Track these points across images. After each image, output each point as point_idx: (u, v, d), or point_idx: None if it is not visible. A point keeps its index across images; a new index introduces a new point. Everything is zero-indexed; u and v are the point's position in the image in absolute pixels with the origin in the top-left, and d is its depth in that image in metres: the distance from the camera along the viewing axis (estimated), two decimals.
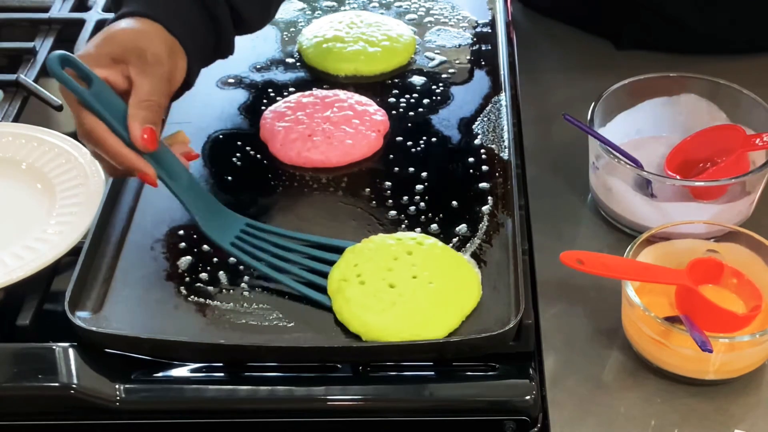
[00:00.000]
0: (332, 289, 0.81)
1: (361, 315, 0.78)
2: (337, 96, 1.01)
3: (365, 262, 0.82)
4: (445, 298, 0.79)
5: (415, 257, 0.82)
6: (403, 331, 0.77)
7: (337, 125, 0.96)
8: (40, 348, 0.80)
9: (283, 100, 1.01)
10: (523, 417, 0.75)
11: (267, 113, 0.99)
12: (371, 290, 0.80)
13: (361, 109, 0.99)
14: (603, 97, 0.93)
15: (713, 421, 0.75)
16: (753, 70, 1.06)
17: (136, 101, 0.77)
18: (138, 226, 0.88)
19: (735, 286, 0.80)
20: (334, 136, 0.95)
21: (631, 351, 0.80)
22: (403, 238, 0.84)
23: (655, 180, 0.88)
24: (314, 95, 1.01)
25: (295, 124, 0.97)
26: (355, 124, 0.97)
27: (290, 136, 0.95)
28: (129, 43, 0.79)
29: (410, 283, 0.80)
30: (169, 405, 0.77)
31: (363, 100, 1.00)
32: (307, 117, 0.98)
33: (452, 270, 0.82)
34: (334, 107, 0.99)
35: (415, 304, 0.79)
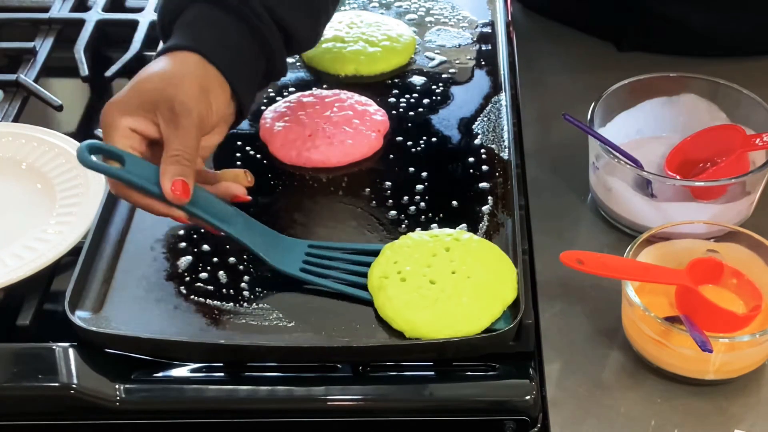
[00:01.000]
0: (373, 286, 0.81)
1: (404, 312, 0.78)
2: (337, 96, 1.01)
3: (405, 260, 0.82)
4: (484, 291, 0.79)
5: (452, 253, 0.82)
6: (447, 327, 0.78)
7: (337, 125, 0.96)
8: (40, 348, 0.80)
9: (282, 100, 1.01)
10: (523, 417, 0.75)
11: (267, 113, 0.99)
12: (412, 287, 0.80)
13: (361, 109, 0.99)
14: (603, 97, 0.93)
15: (713, 421, 0.75)
16: (753, 70, 1.06)
17: (165, 157, 0.77)
18: (138, 226, 0.88)
19: (735, 286, 0.80)
20: (334, 136, 0.95)
21: (631, 351, 0.80)
22: (439, 235, 0.84)
23: (655, 180, 0.88)
24: (314, 95, 1.01)
25: (294, 124, 0.97)
26: (355, 124, 0.97)
27: (290, 136, 0.95)
28: (156, 94, 0.78)
29: (450, 279, 0.80)
30: (169, 405, 0.77)
31: (363, 100, 1.00)
32: (306, 117, 0.98)
33: (489, 263, 0.82)
34: (334, 107, 0.99)
35: (457, 299, 0.79)
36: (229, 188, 0.83)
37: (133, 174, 0.77)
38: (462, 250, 0.82)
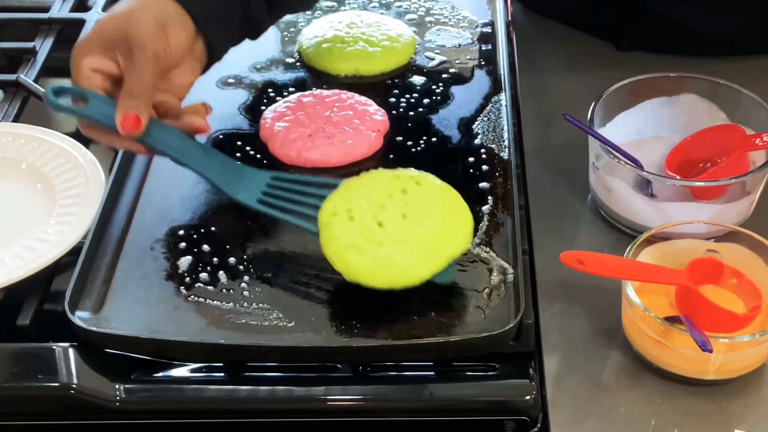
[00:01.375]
0: (321, 222, 0.79)
1: (344, 254, 0.77)
2: (338, 96, 1.01)
3: (359, 197, 0.79)
4: (431, 241, 0.77)
5: (409, 196, 0.80)
6: (384, 276, 0.77)
7: (337, 125, 0.96)
8: (40, 348, 0.80)
9: (282, 100, 1.01)
10: (523, 417, 0.75)
11: (267, 113, 0.99)
12: (359, 227, 0.78)
13: (361, 109, 0.99)
14: (603, 97, 0.93)
15: (713, 421, 0.75)
16: (753, 70, 1.06)
17: (121, 92, 0.80)
18: (138, 226, 0.88)
19: (735, 286, 0.80)
20: (334, 136, 0.95)
21: (631, 351, 0.80)
22: (401, 176, 0.82)
23: (655, 180, 0.88)
24: (314, 95, 1.01)
25: (294, 124, 0.97)
26: (355, 124, 0.97)
27: (290, 136, 0.95)
28: (115, 32, 0.81)
29: (399, 223, 0.78)
30: (169, 405, 0.77)
31: (363, 100, 1.00)
32: (306, 117, 0.98)
33: (445, 211, 0.79)
34: (334, 107, 0.99)
35: (401, 246, 0.77)
36: (191, 121, 0.86)
37: (96, 112, 0.80)
38: (419, 194, 0.80)
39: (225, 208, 0.90)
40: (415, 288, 0.81)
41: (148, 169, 0.94)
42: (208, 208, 0.90)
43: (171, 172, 0.94)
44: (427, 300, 0.81)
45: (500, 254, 0.85)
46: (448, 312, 0.80)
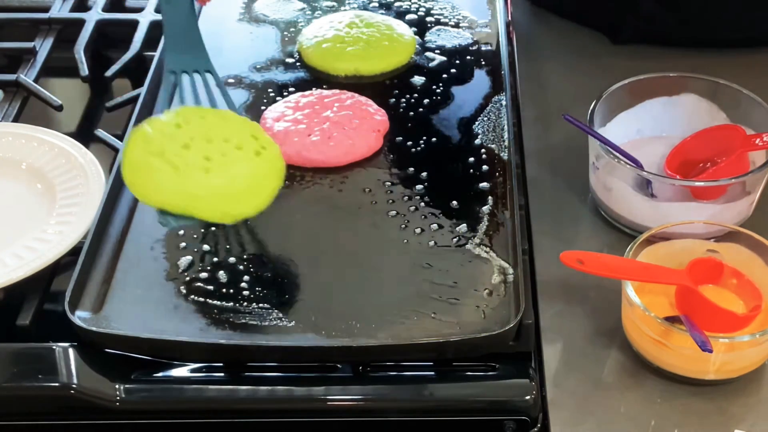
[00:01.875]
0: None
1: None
2: (338, 96, 1.01)
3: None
4: None
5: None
6: None
7: (337, 125, 0.96)
8: (40, 348, 0.80)
9: (282, 100, 1.01)
10: (523, 417, 0.75)
11: (267, 113, 0.99)
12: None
13: (362, 109, 0.99)
14: (603, 97, 0.93)
15: (713, 421, 0.75)
16: (753, 70, 1.06)
17: None
18: (138, 226, 0.88)
19: (735, 286, 0.80)
20: (333, 136, 0.95)
21: (631, 351, 0.80)
22: None
23: (655, 180, 0.88)
24: (314, 95, 1.01)
25: (294, 124, 0.97)
26: (355, 124, 0.97)
27: (290, 136, 0.95)
28: None
29: None
30: (169, 405, 0.77)
31: (363, 100, 1.00)
32: (306, 117, 0.98)
33: None
34: (334, 107, 0.99)
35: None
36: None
37: None
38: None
39: None
40: (415, 288, 0.82)
41: None
42: None
43: None
44: (427, 300, 0.81)
45: (500, 254, 0.85)
46: (448, 312, 0.80)
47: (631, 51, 1.11)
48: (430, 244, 0.86)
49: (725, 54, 1.09)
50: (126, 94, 1.05)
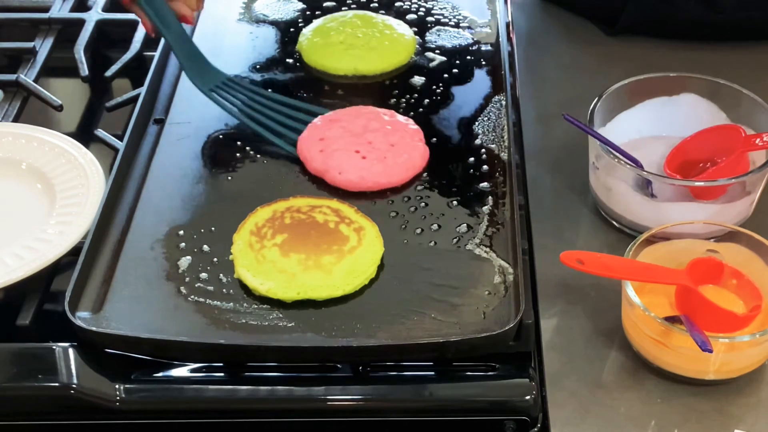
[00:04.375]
0: None
1: None
2: (356, 114, 0.97)
3: None
4: None
5: None
6: None
7: (383, 143, 0.93)
8: (40, 348, 0.80)
9: (306, 133, 0.95)
10: (523, 417, 0.75)
11: (305, 151, 0.94)
12: None
13: (393, 122, 0.96)
14: (603, 97, 0.93)
15: (713, 421, 0.75)
16: (753, 70, 1.06)
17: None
18: (138, 226, 0.88)
19: (735, 286, 0.80)
20: (388, 155, 0.92)
21: (631, 351, 0.80)
22: None
23: (655, 180, 0.88)
24: (331, 118, 0.97)
25: (344, 149, 0.93)
26: (399, 138, 0.94)
27: (347, 161, 0.92)
28: None
29: None
30: (169, 405, 0.77)
31: (381, 112, 0.97)
32: (350, 141, 0.94)
33: None
34: (369, 127, 0.95)
35: None
36: (180, 7, 0.96)
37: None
38: None
39: (225, 208, 0.90)
40: (415, 288, 0.82)
41: (148, 169, 0.94)
42: (208, 208, 0.90)
43: (171, 173, 0.94)
44: (427, 300, 0.81)
45: (500, 254, 0.85)
46: (448, 312, 0.80)
47: (631, 50, 1.11)
48: (430, 244, 0.86)
49: (725, 54, 1.09)
50: (126, 94, 1.05)
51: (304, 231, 0.85)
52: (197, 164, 0.95)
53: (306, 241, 0.84)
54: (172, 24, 0.96)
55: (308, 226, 0.86)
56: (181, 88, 1.04)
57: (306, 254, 0.83)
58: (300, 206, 0.88)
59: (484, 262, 0.84)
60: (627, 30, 1.12)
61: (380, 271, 0.84)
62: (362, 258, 0.83)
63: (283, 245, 0.84)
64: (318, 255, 0.83)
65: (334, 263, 0.82)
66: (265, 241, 0.84)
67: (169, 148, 0.97)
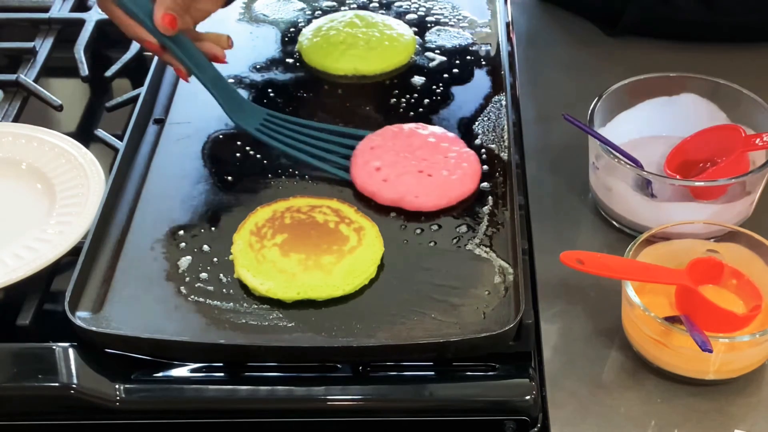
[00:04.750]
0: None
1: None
2: (397, 134, 0.95)
3: None
4: None
5: None
6: None
7: (439, 159, 0.92)
8: (40, 348, 0.80)
9: (361, 161, 0.93)
10: (523, 417, 0.75)
11: (362, 181, 0.91)
12: None
13: (433, 133, 0.95)
14: (603, 97, 0.93)
15: (713, 421, 0.75)
16: (753, 70, 1.06)
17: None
18: (138, 226, 0.88)
19: (735, 286, 0.80)
20: (448, 167, 0.91)
21: (631, 351, 0.80)
22: None
23: (655, 180, 0.88)
24: (375, 142, 0.95)
25: (408, 172, 0.91)
26: (447, 148, 0.93)
27: (419, 184, 0.90)
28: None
29: None
30: (169, 405, 0.77)
31: (415, 126, 0.96)
32: (403, 162, 0.92)
33: None
34: (414, 144, 0.94)
35: None
36: (212, 48, 0.94)
37: (134, 4, 0.90)
38: None
39: (225, 208, 0.90)
40: (415, 288, 0.82)
41: (148, 169, 0.94)
42: (208, 208, 0.90)
43: (171, 173, 0.94)
44: (427, 300, 0.81)
45: (500, 254, 0.85)
46: (448, 312, 0.80)
47: (631, 50, 1.11)
48: (430, 244, 0.86)
49: (725, 54, 1.09)
50: (126, 94, 1.05)
51: (304, 231, 0.85)
52: (197, 164, 0.95)
53: (306, 241, 0.84)
54: (206, 67, 0.94)
55: (308, 226, 0.86)
56: (181, 88, 1.04)
57: (306, 254, 0.83)
58: (300, 206, 0.88)
59: (484, 262, 0.84)
60: (627, 30, 1.12)
61: (380, 271, 0.84)
62: (362, 258, 0.83)
63: (283, 245, 0.84)
64: (318, 255, 0.83)
65: (334, 263, 0.82)
66: (265, 241, 0.84)
67: (169, 148, 0.97)
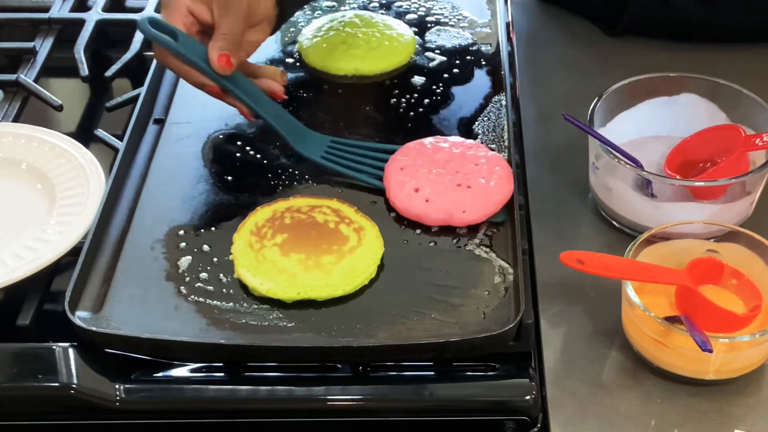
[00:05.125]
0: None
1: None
2: (421, 151, 0.93)
3: None
4: None
5: None
6: None
7: (468, 167, 0.91)
8: (40, 348, 0.80)
9: (395, 183, 0.90)
10: (523, 417, 0.75)
11: (414, 204, 0.89)
12: None
13: (454, 142, 0.94)
14: (603, 97, 0.93)
15: (713, 421, 0.75)
16: (753, 70, 1.06)
17: (215, 36, 0.89)
18: (138, 226, 0.88)
19: (735, 286, 0.80)
20: (483, 174, 0.90)
21: (631, 351, 0.80)
22: None
23: (655, 180, 0.88)
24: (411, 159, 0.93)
25: (448, 189, 0.89)
26: (474, 155, 0.92)
27: (460, 198, 0.89)
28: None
29: None
30: (169, 405, 0.77)
31: (434, 140, 0.94)
32: (439, 178, 0.90)
33: None
34: (442, 157, 0.92)
35: None
36: (270, 85, 0.95)
37: (185, 48, 0.89)
38: None
39: (225, 208, 0.90)
40: (415, 288, 0.82)
41: (148, 169, 0.94)
42: (208, 208, 0.90)
43: (171, 173, 0.94)
44: (427, 300, 0.81)
45: (500, 254, 0.85)
46: (448, 312, 0.80)
47: (631, 50, 1.11)
48: (430, 244, 0.86)
49: (725, 54, 1.09)
50: (126, 94, 1.05)
51: (304, 231, 0.85)
52: (197, 164, 0.95)
53: (306, 241, 0.84)
54: (267, 103, 0.93)
55: (308, 226, 0.86)
56: (181, 88, 1.04)
57: (306, 254, 0.83)
58: (300, 206, 0.88)
59: (484, 262, 0.84)
60: (627, 31, 1.12)
61: (380, 271, 0.84)
62: (362, 258, 0.83)
63: (283, 245, 0.84)
64: (318, 255, 0.83)
65: (334, 263, 0.82)
66: (265, 241, 0.84)
67: (169, 148, 0.97)
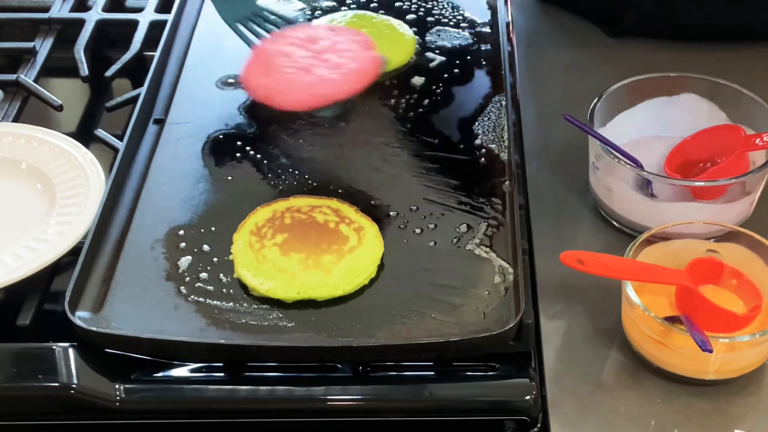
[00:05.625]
0: None
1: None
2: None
3: None
4: None
5: None
6: None
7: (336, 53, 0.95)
8: (40, 348, 0.80)
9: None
10: (523, 417, 0.75)
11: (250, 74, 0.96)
12: None
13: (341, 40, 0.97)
14: (603, 97, 0.93)
15: (713, 421, 0.75)
16: (753, 70, 1.06)
17: None
18: (138, 226, 0.88)
19: (735, 286, 0.80)
20: (339, 64, 0.93)
21: (631, 351, 0.80)
22: None
23: (655, 180, 0.88)
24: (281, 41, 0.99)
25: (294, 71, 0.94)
26: (348, 48, 0.96)
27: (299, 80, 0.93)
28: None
29: None
30: (169, 405, 0.77)
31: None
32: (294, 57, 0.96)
33: None
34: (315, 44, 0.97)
35: None
36: None
37: None
38: None
39: (225, 208, 0.90)
40: (415, 288, 0.82)
41: (148, 169, 0.94)
42: (208, 208, 0.90)
43: (171, 173, 0.94)
44: (427, 300, 0.81)
45: (500, 254, 0.85)
46: (448, 312, 0.80)
47: (631, 50, 1.11)
48: (430, 244, 0.86)
49: (725, 54, 1.09)
50: (126, 94, 1.05)
51: (304, 231, 0.85)
52: (197, 164, 0.95)
53: (306, 241, 0.84)
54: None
55: (308, 225, 0.86)
56: (181, 88, 1.04)
57: (306, 254, 0.83)
58: (300, 206, 0.88)
59: (484, 262, 0.84)
60: (628, 32, 1.12)
61: (380, 271, 0.84)
62: (362, 258, 0.83)
63: (283, 245, 0.84)
64: (318, 255, 0.83)
65: (334, 263, 0.82)
66: (265, 241, 0.84)
67: (169, 148, 0.97)
